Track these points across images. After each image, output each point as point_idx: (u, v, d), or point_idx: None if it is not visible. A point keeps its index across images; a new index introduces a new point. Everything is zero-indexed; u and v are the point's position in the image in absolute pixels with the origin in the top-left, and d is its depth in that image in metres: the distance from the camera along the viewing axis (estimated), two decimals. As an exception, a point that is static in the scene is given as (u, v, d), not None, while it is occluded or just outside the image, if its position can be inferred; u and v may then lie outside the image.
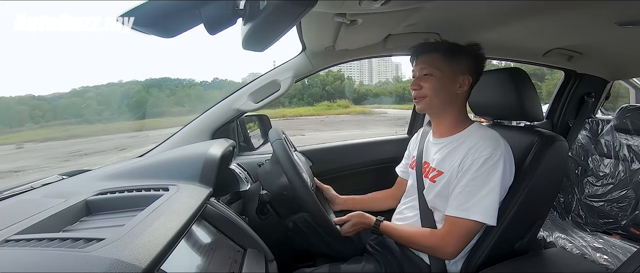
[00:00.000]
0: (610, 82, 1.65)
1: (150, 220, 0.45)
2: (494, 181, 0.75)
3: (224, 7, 0.44)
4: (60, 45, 30.14)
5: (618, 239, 1.29)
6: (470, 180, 0.76)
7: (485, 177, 0.75)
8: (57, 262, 0.34)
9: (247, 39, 0.50)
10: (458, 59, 0.83)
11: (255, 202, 0.88)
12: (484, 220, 0.75)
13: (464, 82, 0.83)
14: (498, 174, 0.75)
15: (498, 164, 0.76)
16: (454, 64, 0.83)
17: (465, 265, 0.83)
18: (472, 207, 0.75)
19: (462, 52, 0.84)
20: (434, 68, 0.83)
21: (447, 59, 0.83)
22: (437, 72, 0.82)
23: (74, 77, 26.09)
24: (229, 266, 0.61)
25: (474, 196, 0.75)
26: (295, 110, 15.89)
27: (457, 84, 0.83)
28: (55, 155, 4.59)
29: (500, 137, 0.81)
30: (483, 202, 0.75)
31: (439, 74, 0.82)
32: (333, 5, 0.70)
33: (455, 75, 0.83)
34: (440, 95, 0.83)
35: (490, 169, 0.75)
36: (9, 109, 5.55)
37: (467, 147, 0.79)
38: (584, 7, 0.84)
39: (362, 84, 25.99)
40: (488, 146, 0.77)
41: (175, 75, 35.80)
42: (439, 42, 0.87)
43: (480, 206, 0.75)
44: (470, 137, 0.82)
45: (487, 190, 0.75)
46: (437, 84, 0.83)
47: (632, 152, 1.38)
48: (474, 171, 0.76)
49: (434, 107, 0.86)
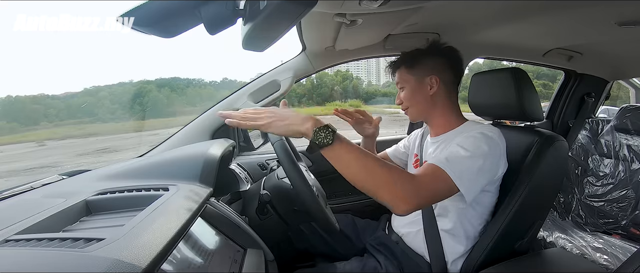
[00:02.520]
0: (610, 82, 1.65)
1: (150, 220, 0.45)
2: (479, 151, 0.70)
3: (224, 7, 0.44)
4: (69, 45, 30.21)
5: (618, 239, 1.29)
6: (453, 145, 0.73)
7: (472, 142, 0.72)
8: (57, 262, 0.34)
9: (247, 39, 0.50)
10: (419, 64, 0.87)
11: (255, 202, 0.88)
12: (451, 176, 0.65)
13: (431, 82, 0.86)
14: (485, 147, 0.71)
15: (488, 141, 0.72)
16: (415, 71, 0.88)
17: (466, 264, 0.83)
18: (445, 161, 0.67)
19: (421, 56, 0.87)
20: (402, 81, 0.90)
21: (408, 68, 0.89)
22: (405, 83, 0.89)
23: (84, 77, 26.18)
24: (229, 266, 0.61)
25: (451, 153, 0.70)
26: (307, 110, 15.92)
27: (427, 86, 0.86)
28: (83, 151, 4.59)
29: (494, 128, 0.79)
30: (460, 163, 0.67)
31: (407, 84, 0.89)
32: (333, 5, 0.70)
33: (421, 80, 0.87)
34: (417, 101, 0.88)
35: (478, 140, 0.72)
36: (24, 108, 5.57)
37: (460, 137, 0.77)
38: (584, 7, 0.84)
39: (371, 83, 25.96)
40: (481, 128, 0.78)
41: (184, 75, 35.91)
42: (399, 55, 0.92)
43: (454, 163, 0.67)
44: (464, 130, 0.83)
45: (467, 155, 0.69)
46: (409, 93, 0.89)
47: (632, 152, 1.38)
48: (459, 141, 0.73)
49: (419, 113, 0.91)
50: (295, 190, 0.77)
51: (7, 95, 5.97)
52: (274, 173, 0.94)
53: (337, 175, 0.63)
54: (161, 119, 6.80)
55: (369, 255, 0.95)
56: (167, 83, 12.26)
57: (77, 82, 22.83)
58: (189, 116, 1.19)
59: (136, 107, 6.83)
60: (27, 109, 5.62)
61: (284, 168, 0.78)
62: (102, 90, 6.99)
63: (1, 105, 5.63)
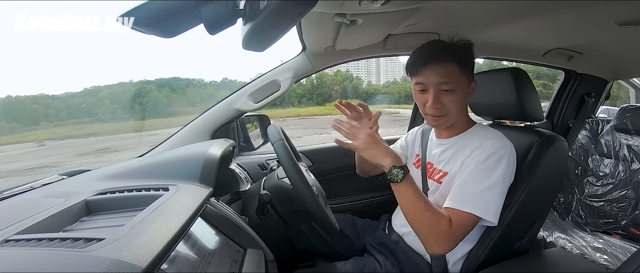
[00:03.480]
0: (610, 82, 1.65)
1: (150, 220, 0.45)
2: (495, 177, 0.72)
3: (224, 7, 0.44)
4: (69, 45, 30.35)
5: (618, 239, 1.29)
6: (470, 174, 0.73)
7: (487, 172, 0.72)
8: (57, 262, 0.34)
9: (247, 39, 0.50)
10: (471, 64, 0.80)
11: (255, 202, 0.88)
12: (479, 214, 0.70)
13: (473, 87, 0.81)
14: (500, 171, 0.72)
15: (501, 161, 0.73)
16: (468, 72, 0.77)
17: (466, 265, 0.83)
18: (468, 200, 0.71)
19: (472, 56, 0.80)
20: (454, 81, 0.75)
21: (463, 66, 0.76)
22: (458, 86, 0.75)
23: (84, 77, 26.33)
24: (229, 266, 0.61)
25: (471, 189, 0.72)
26: (309, 110, 15.90)
27: (469, 91, 0.80)
28: (83, 151, 4.60)
29: (505, 136, 0.79)
30: (482, 197, 0.71)
31: (459, 88, 0.76)
32: (333, 5, 0.70)
33: (468, 84, 0.79)
34: (461, 107, 0.80)
35: (492, 165, 0.73)
36: (24, 108, 5.61)
37: (472, 146, 0.78)
38: (584, 7, 0.84)
39: (371, 83, 25.98)
40: (493, 144, 0.75)
41: (184, 75, 35.95)
42: (449, 46, 0.78)
43: (477, 200, 0.71)
44: (475, 136, 0.81)
45: (488, 185, 0.71)
46: (459, 97, 0.76)
47: (632, 152, 1.38)
48: (475, 165, 0.74)
49: (454, 121, 0.82)
50: (295, 190, 0.77)
51: (7, 95, 6.00)
52: (274, 173, 0.94)
53: (337, 175, 0.64)
54: (161, 119, 6.83)
55: (369, 255, 0.95)
56: (167, 83, 12.29)
57: (77, 82, 22.96)
58: (189, 116, 1.20)
59: (136, 107, 6.84)
60: (27, 109, 5.65)
61: (284, 168, 0.78)
62: (102, 90, 7.01)
63: (1, 105, 5.65)
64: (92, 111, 6.24)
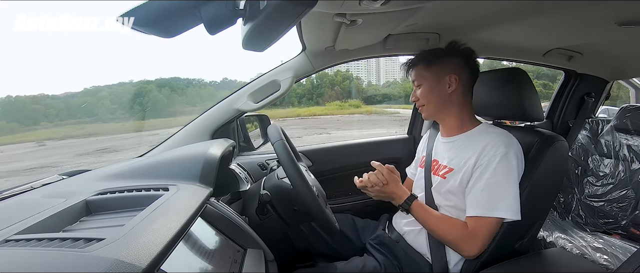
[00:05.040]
0: (610, 82, 1.65)
1: (150, 220, 0.45)
2: (513, 176, 0.77)
3: (224, 7, 0.44)
4: (69, 45, 30.41)
5: (618, 239, 1.29)
6: (490, 178, 0.77)
7: (505, 173, 0.77)
8: (57, 262, 0.34)
9: (247, 39, 0.50)
10: (438, 63, 0.88)
11: (255, 202, 0.88)
12: (511, 217, 0.76)
13: (451, 81, 0.86)
14: (514, 169, 0.78)
15: (514, 160, 0.78)
16: (434, 69, 0.88)
17: (466, 265, 0.83)
18: (496, 204, 0.76)
19: (442, 55, 0.88)
20: (419, 78, 0.91)
21: (426, 66, 0.90)
22: (423, 81, 0.90)
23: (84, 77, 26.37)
24: (229, 266, 0.61)
25: (497, 193, 0.77)
26: (309, 110, 15.89)
27: (446, 85, 0.87)
28: (83, 151, 4.60)
29: (511, 134, 0.83)
30: (507, 198, 0.76)
31: (425, 82, 0.90)
32: (333, 5, 0.70)
33: (440, 78, 0.87)
34: (433, 99, 0.89)
35: (508, 165, 0.77)
36: (24, 108, 5.61)
37: (480, 145, 0.81)
38: (584, 7, 0.84)
39: (371, 83, 25.95)
40: (502, 144, 0.79)
41: (184, 75, 35.97)
42: (418, 53, 0.93)
43: (505, 203, 0.76)
44: (482, 135, 0.84)
45: (509, 186, 0.77)
46: (426, 90, 0.90)
47: (632, 152, 1.38)
48: (492, 168, 0.78)
49: (435, 111, 0.91)
50: (295, 190, 0.77)
51: (7, 95, 6.01)
52: (274, 173, 0.94)
53: (337, 175, 0.64)
54: (161, 119, 6.83)
55: (369, 255, 0.95)
56: (167, 83, 12.29)
57: (77, 82, 22.97)
58: (189, 116, 1.19)
59: (136, 107, 6.83)
60: (27, 109, 5.65)
61: (284, 168, 0.78)
62: (102, 90, 7.01)
63: (1, 105, 5.65)
64: (92, 111, 6.22)
